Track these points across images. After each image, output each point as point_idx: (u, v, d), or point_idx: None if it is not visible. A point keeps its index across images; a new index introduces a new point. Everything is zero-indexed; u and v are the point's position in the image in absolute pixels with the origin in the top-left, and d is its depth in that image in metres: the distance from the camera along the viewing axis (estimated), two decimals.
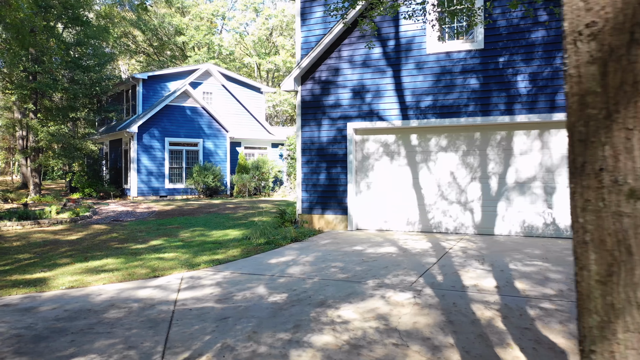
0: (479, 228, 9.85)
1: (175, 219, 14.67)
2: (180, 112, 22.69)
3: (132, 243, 10.29)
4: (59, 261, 8.36)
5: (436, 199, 10.19)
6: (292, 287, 6.13)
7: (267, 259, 7.97)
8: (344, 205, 10.78)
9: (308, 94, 11.15)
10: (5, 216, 13.58)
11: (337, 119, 10.88)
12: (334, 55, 10.89)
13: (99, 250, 9.49)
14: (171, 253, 8.85)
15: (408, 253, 8.15)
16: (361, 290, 5.90)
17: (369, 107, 10.58)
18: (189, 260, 8.11)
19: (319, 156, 11.06)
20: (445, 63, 9.94)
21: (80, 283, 6.54)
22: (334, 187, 10.90)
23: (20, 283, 6.61)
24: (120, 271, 7.28)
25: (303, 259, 7.85)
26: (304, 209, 11.20)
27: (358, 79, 10.68)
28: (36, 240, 10.96)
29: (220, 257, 8.27)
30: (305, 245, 9.13)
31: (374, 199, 10.74)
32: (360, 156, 10.88)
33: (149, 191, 21.90)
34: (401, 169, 10.51)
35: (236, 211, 17.05)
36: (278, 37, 38.03)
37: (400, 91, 10.30)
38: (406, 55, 10.27)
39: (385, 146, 10.66)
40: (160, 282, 6.56)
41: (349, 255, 8.11)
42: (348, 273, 6.80)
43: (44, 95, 20.35)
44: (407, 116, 10.23)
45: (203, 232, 11.76)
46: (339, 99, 10.86)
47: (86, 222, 14.18)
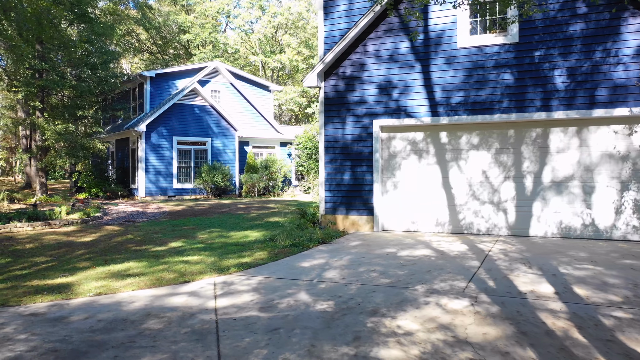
0: (513, 229, 9.46)
1: (188, 220, 14.27)
2: (189, 111, 22.27)
3: (151, 245, 9.89)
4: (78, 265, 7.95)
5: (467, 199, 9.80)
6: (336, 293, 5.73)
7: (298, 263, 7.57)
8: (370, 206, 10.39)
9: (331, 90, 10.75)
10: (15, 217, 13.15)
11: (363, 116, 10.48)
12: (359, 50, 10.49)
13: (117, 252, 9.08)
14: (195, 256, 8.45)
15: (446, 256, 7.76)
16: (412, 297, 5.50)
17: (396, 103, 10.18)
18: (216, 263, 7.71)
19: (343, 155, 10.66)
20: (478, 57, 9.54)
21: (108, 289, 6.13)
22: (359, 186, 10.50)
23: (43, 289, 6.20)
24: (147, 276, 6.88)
25: (337, 263, 7.45)
26: (327, 209, 10.80)
27: (385, 74, 10.28)
28: (49, 242, 10.54)
29: (248, 261, 7.87)
30: (334, 248, 8.73)
31: (401, 199, 10.34)
32: (386, 154, 10.48)
33: (157, 191, 21.48)
34: (430, 168, 10.12)
35: (249, 211, 16.65)
36: (283, 35, 37.60)
37: (429, 87, 9.90)
38: (436, 49, 9.87)
39: (413, 144, 10.26)
40: (192, 287, 6.16)
41: (384, 258, 7.71)
42: (390, 278, 6.41)
43: (50, 93, 19.91)
44: (436, 113, 9.83)
45: (221, 234, 11.36)
46: (364, 95, 10.46)
47: (97, 223, 13.76)
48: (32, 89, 17.91)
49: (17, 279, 6.96)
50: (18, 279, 6.97)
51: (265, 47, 37.95)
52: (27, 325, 4.72)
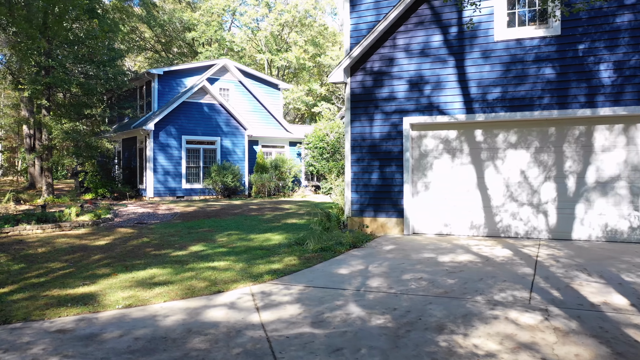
0: (554, 232, 8.95)
1: (202, 222, 13.75)
2: (198, 109, 21.76)
3: (170, 249, 9.37)
4: (97, 271, 7.44)
5: (504, 200, 9.29)
6: (389, 305, 5.23)
7: (334, 269, 7.06)
8: (400, 207, 9.88)
9: (358, 86, 10.24)
10: (24, 219, 12.63)
11: (392, 113, 9.97)
12: (388, 44, 9.98)
13: (136, 257, 8.57)
14: (221, 261, 7.94)
15: (493, 262, 7.25)
16: (476, 310, 5.00)
17: (428, 100, 9.68)
18: (246, 270, 7.20)
19: (370, 154, 10.15)
20: (516, 51, 9.04)
21: (137, 300, 5.62)
22: (387, 187, 10.00)
23: (66, 300, 5.69)
24: (175, 284, 6.37)
25: (377, 269, 6.95)
26: (354, 211, 10.29)
27: (415, 69, 9.77)
28: (62, 246, 10.02)
29: (280, 267, 7.37)
30: (367, 253, 8.22)
31: (433, 200, 9.84)
32: (417, 154, 9.97)
33: (166, 191, 20.96)
34: (464, 168, 9.61)
35: (262, 213, 16.14)
36: (290, 33, 37.05)
37: (463, 82, 9.39)
38: (471, 43, 9.36)
39: (445, 143, 9.76)
40: (229, 298, 5.65)
41: (426, 264, 7.21)
42: (442, 287, 5.90)
43: (56, 91, 19.38)
44: (471, 110, 9.33)
45: (240, 236, 10.85)
46: (393, 91, 9.95)
47: (109, 225, 13.25)
48: (38, 86, 17.37)
49: (34, 287, 6.45)
50: (36, 287, 6.45)
51: (272, 45, 37.41)
52: (57, 344, 4.21)
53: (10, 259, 8.71)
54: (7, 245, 10.04)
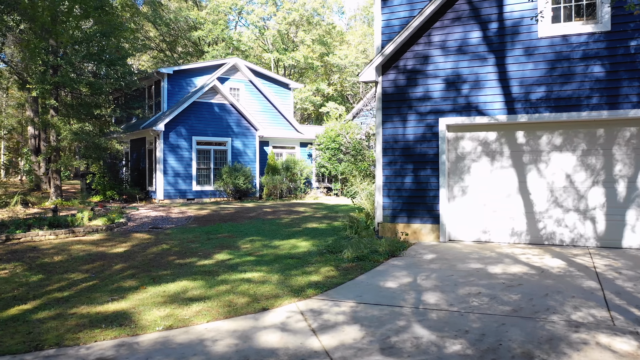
0: (602, 240, 8.45)
1: (219, 226, 13.24)
2: (208, 109, 21.25)
3: (194, 257, 8.87)
4: (124, 284, 6.93)
5: (548, 205, 8.79)
6: (458, 326, 4.73)
7: (379, 282, 6.56)
8: (435, 213, 9.38)
9: (390, 85, 9.74)
10: (35, 224, 12.12)
11: (427, 113, 9.47)
12: (423, 41, 9.48)
13: (161, 267, 8.06)
14: (253, 272, 7.43)
15: (549, 274, 6.75)
16: (558, 333, 4.49)
17: (466, 99, 9.17)
18: (283, 283, 6.70)
19: (403, 156, 9.65)
20: (562, 48, 8.54)
21: (177, 320, 5.11)
22: (422, 192, 9.49)
23: (99, 320, 5.18)
24: (213, 300, 5.86)
25: (427, 283, 6.44)
26: (386, 216, 9.78)
27: (452, 67, 9.27)
28: (79, 253, 9.51)
29: (319, 279, 6.86)
30: (409, 262, 7.72)
31: (470, 205, 9.34)
32: (453, 156, 9.47)
33: (176, 194, 20.45)
34: (504, 172, 9.11)
35: (278, 216, 15.63)
36: (298, 32, 36.52)
37: (504, 81, 8.89)
38: (512, 39, 8.86)
39: (484, 145, 9.25)
40: (277, 318, 5.14)
41: (477, 276, 6.70)
42: (507, 304, 5.40)
43: (65, 90, 18.86)
44: (513, 110, 8.83)
45: (264, 243, 10.34)
46: (428, 90, 9.45)
47: (123, 229, 12.74)
48: (47, 86, 16.85)
49: (60, 303, 5.94)
50: (61, 303, 5.95)
51: (279, 45, 36.88)
52: None
53: (26, 268, 8.20)
54: (21, 253, 9.53)
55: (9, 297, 6.27)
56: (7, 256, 9.27)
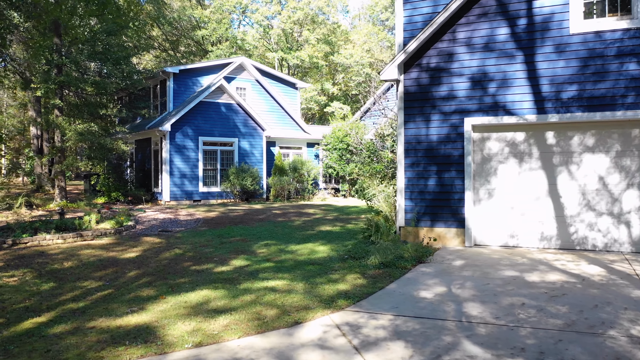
0: (638, 245, 8.10)
1: (230, 229, 12.87)
2: (215, 109, 20.87)
3: (211, 263, 8.50)
4: (141, 293, 6.57)
5: (579, 209, 8.43)
6: (511, 342, 4.37)
7: (413, 292, 6.20)
8: (460, 217, 9.02)
9: (413, 83, 9.38)
10: (41, 227, 11.75)
11: (451, 113, 9.11)
12: (447, 38, 9.12)
13: (177, 274, 7.70)
14: (275, 280, 7.07)
15: (591, 283, 6.39)
16: (624, 351, 4.14)
17: (493, 99, 8.82)
18: (310, 292, 6.34)
19: (426, 158, 9.29)
20: (595, 45, 8.18)
21: (205, 335, 4.75)
22: (446, 194, 9.14)
23: (120, 335, 4.82)
24: (239, 312, 5.50)
25: (463, 292, 6.08)
26: (408, 220, 9.42)
27: (478, 65, 8.91)
28: (89, 259, 9.15)
29: (347, 288, 6.50)
30: (438, 269, 7.35)
31: (497, 209, 8.98)
32: (479, 158, 9.11)
33: (182, 195, 20.08)
34: (532, 174, 8.75)
35: (289, 218, 15.26)
36: (302, 31, 36.12)
37: (534, 79, 8.53)
38: (542, 36, 8.50)
39: (511, 146, 8.89)
40: (313, 333, 4.78)
41: (515, 285, 6.34)
42: (557, 317, 5.04)
43: (69, 90, 18.48)
44: (543, 109, 8.47)
45: (280, 248, 9.98)
46: (453, 89, 9.09)
47: (132, 233, 12.36)
48: (51, 85, 16.46)
49: (76, 316, 5.58)
50: (77, 316, 5.58)
51: (284, 44, 36.49)
52: None
53: (36, 275, 7.84)
54: (29, 258, 9.17)
55: (21, 309, 5.91)
56: (15, 262, 8.91)
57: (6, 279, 7.58)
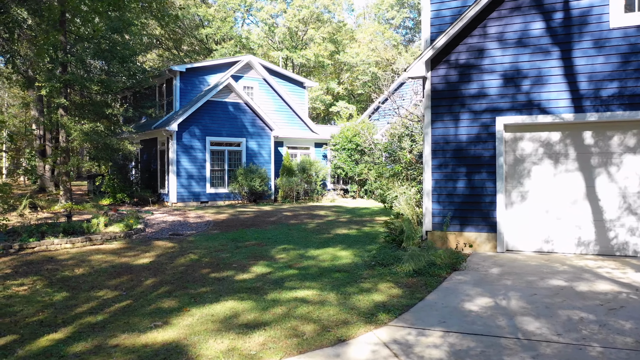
0: None
1: (243, 232, 12.43)
2: (222, 109, 20.43)
3: (230, 270, 8.06)
4: (162, 304, 6.13)
5: (620, 213, 8.00)
6: None
7: (456, 303, 5.76)
8: (491, 221, 8.58)
9: (441, 81, 8.95)
10: (48, 230, 11.30)
11: (482, 112, 8.67)
12: (477, 33, 8.68)
13: (197, 283, 7.26)
14: (304, 290, 6.63)
15: None
16: None
17: (527, 97, 8.38)
18: (345, 304, 5.90)
19: (455, 159, 8.86)
20: (637, 40, 7.74)
21: (242, 356, 4.32)
22: (476, 197, 8.70)
23: (148, 356, 4.38)
24: (274, 327, 5.06)
25: (510, 304, 5.64)
26: (435, 224, 8.99)
27: (511, 61, 8.48)
28: (101, 265, 8.70)
29: (384, 299, 6.07)
30: (476, 278, 6.92)
31: (531, 212, 8.54)
32: (511, 159, 8.68)
33: (189, 196, 19.63)
34: (569, 176, 8.32)
35: (301, 221, 14.82)
36: (308, 30, 35.64)
37: (571, 76, 8.10)
38: (580, 30, 8.07)
39: (546, 146, 8.46)
40: (361, 353, 4.34)
41: (565, 296, 5.90)
42: (626, 335, 4.61)
43: (74, 88, 18.01)
44: (580, 108, 8.04)
45: (300, 253, 9.54)
46: (484, 86, 8.66)
47: (142, 237, 11.92)
48: (56, 84, 16.00)
49: (95, 331, 5.14)
50: (97, 331, 5.14)
51: (289, 42, 36.03)
52: None
53: (47, 284, 7.40)
54: (38, 265, 8.72)
55: (35, 323, 5.47)
56: (24, 268, 8.47)
57: (16, 288, 7.14)
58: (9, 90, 37.22)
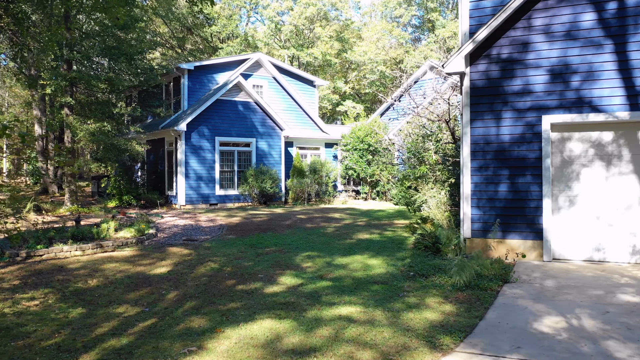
0: None
1: (260, 238, 11.79)
2: (232, 108, 19.80)
3: (257, 282, 7.44)
4: (190, 323, 5.51)
5: None
6: None
7: (520, 322, 5.15)
8: (537, 227, 7.97)
9: (481, 77, 8.33)
10: (56, 236, 10.68)
11: (526, 110, 8.06)
12: (521, 25, 8.07)
13: (225, 296, 6.64)
14: (345, 306, 6.02)
15: None
16: None
17: (577, 93, 7.77)
18: (396, 323, 5.29)
19: (497, 161, 8.24)
20: None
21: None
22: (520, 202, 8.09)
23: None
24: (326, 355, 4.46)
25: (584, 324, 5.03)
26: (475, 230, 8.37)
27: (559, 55, 7.86)
28: (115, 275, 8.08)
29: (439, 319, 5.45)
30: (532, 292, 6.30)
31: (580, 218, 7.93)
32: (558, 161, 8.07)
33: (198, 199, 19.00)
34: (623, 179, 7.71)
35: (318, 224, 14.19)
36: (315, 28, 35.00)
37: (626, 72, 7.49)
38: (635, 22, 7.46)
39: (597, 147, 7.85)
40: None
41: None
42: None
43: (80, 87, 17.38)
44: (637, 105, 7.43)
45: (326, 261, 8.93)
46: (528, 83, 8.05)
47: (154, 242, 11.29)
48: (62, 82, 15.36)
49: (120, 358, 4.52)
50: (122, 356, 4.52)
51: (297, 40, 35.37)
52: None
53: (60, 297, 6.78)
54: (48, 275, 8.10)
55: (52, 348, 4.85)
56: (33, 279, 7.84)
57: (26, 303, 6.52)
58: (9, 90, 36.57)
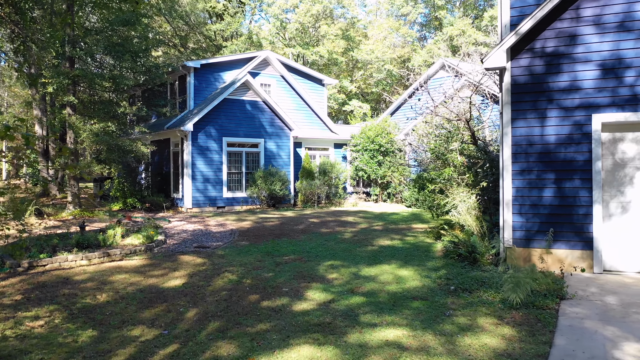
0: None
1: (276, 244, 11.12)
2: (239, 107, 19.12)
3: (283, 297, 6.78)
4: (219, 351, 4.86)
5: None
6: None
7: (598, 351, 4.50)
8: (586, 236, 7.31)
9: (523, 72, 7.67)
10: (60, 244, 10.03)
11: (574, 108, 7.40)
12: (567, 16, 7.41)
13: (250, 316, 5.98)
14: (389, 328, 5.36)
15: None
16: None
17: (631, 90, 7.11)
18: (453, 351, 4.66)
19: (541, 163, 7.58)
20: None
21: None
22: (568, 208, 7.43)
23: None
24: None
25: None
26: (517, 239, 7.71)
27: (610, 49, 7.21)
28: (126, 289, 7.40)
29: (499, 345, 4.79)
30: (595, 311, 5.64)
31: (634, 226, 7.27)
32: (609, 163, 7.41)
33: (205, 201, 18.32)
34: None
35: (333, 229, 13.51)
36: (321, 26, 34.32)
37: None
38: None
39: None
40: None
41: None
42: None
43: (84, 86, 16.69)
44: None
45: (352, 271, 8.28)
46: (576, 79, 7.39)
47: (164, 250, 10.61)
48: (64, 80, 14.68)
49: None
50: None
51: (302, 38, 34.69)
52: None
53: (67, 316, 6.11)
54: (52, 288, 7.42)
55: None
56: (36, 293, 7.17)
57: (30, 323, 5.85)
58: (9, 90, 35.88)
